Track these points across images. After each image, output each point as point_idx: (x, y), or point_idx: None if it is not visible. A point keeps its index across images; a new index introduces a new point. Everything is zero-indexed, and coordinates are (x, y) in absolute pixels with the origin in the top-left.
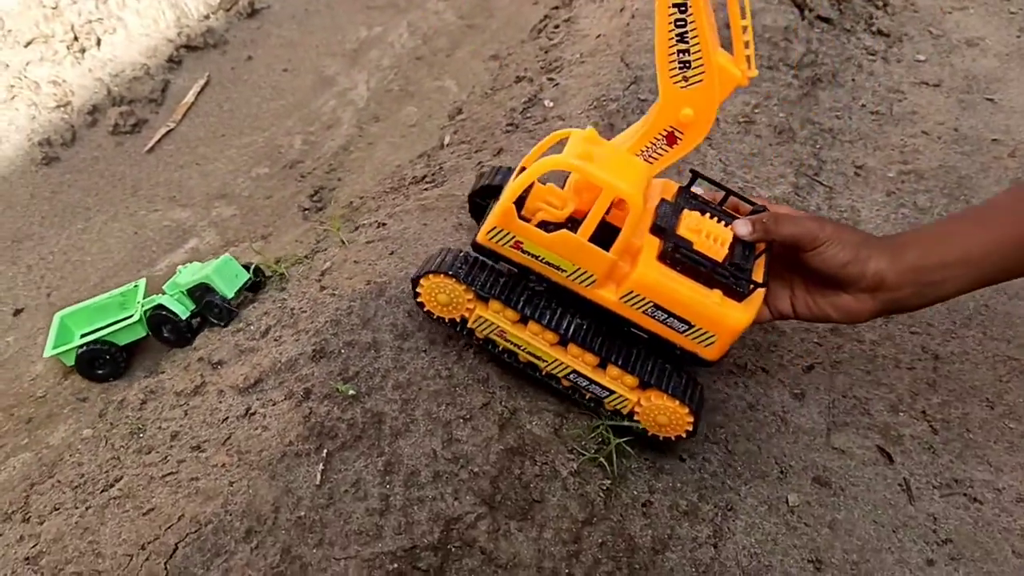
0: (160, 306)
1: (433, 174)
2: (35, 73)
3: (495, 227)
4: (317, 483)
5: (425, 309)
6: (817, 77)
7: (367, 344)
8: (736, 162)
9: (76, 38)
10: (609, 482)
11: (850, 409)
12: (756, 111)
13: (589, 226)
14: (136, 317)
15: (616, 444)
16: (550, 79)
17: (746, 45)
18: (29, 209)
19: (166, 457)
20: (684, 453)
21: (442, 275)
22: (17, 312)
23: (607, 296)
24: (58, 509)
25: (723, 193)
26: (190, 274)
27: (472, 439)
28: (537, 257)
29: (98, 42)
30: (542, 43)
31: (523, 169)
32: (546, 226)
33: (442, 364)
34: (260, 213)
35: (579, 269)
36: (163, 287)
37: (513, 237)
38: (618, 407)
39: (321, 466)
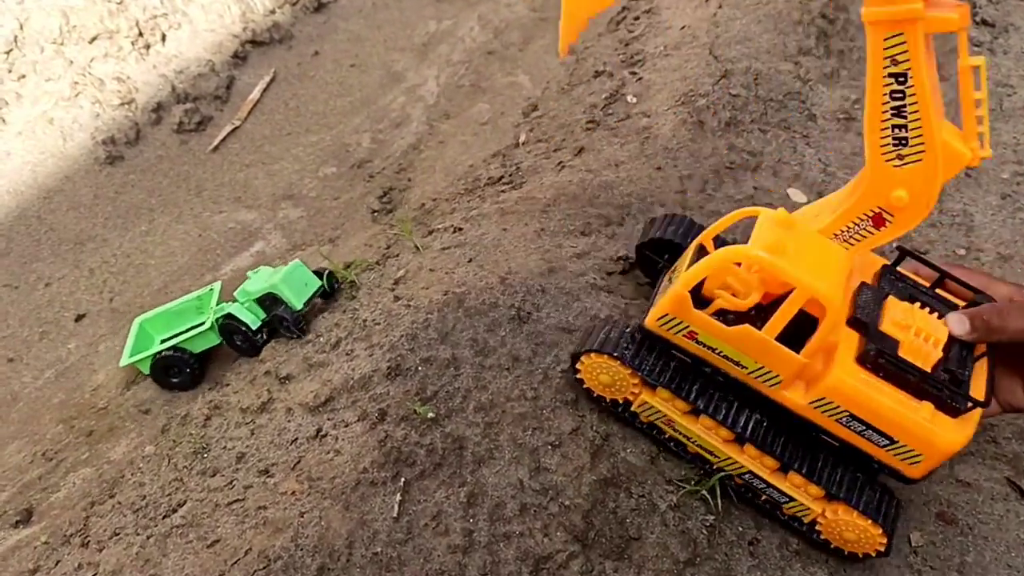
0: (230, 315)
1: (510, 175)
2: (99, 70)
3: (666, 314)
4: (394, 515)
5: (584, 386)
6: None
7: (446, 361)
8: (837, 162)
9: (141, 34)
10: (712, 518)
11: (975, 437)
12: (856, 107)
13: (777, 325)
14: (208, 324)
15: (720, 477)
16: (632, 73)
17: (979, 120)
18: (92, 210)
19: (232, 481)
20: None
21: (606, 355)
22: (79, 318)
23: (794, 399)
24: (118, 534)
25: (936, 274)
26: (259, 281)
27: (562, 468)
28: (714, 350)
29: (163, 38)
30: (621, 36)
31: (701, 248)
32: (725, 315)
33: (527, 384)
34: (328, 215)
35: (763, 368)
36: (235, 293)
37: (687, 327)
38: (799, 515)
39: (399, 496)
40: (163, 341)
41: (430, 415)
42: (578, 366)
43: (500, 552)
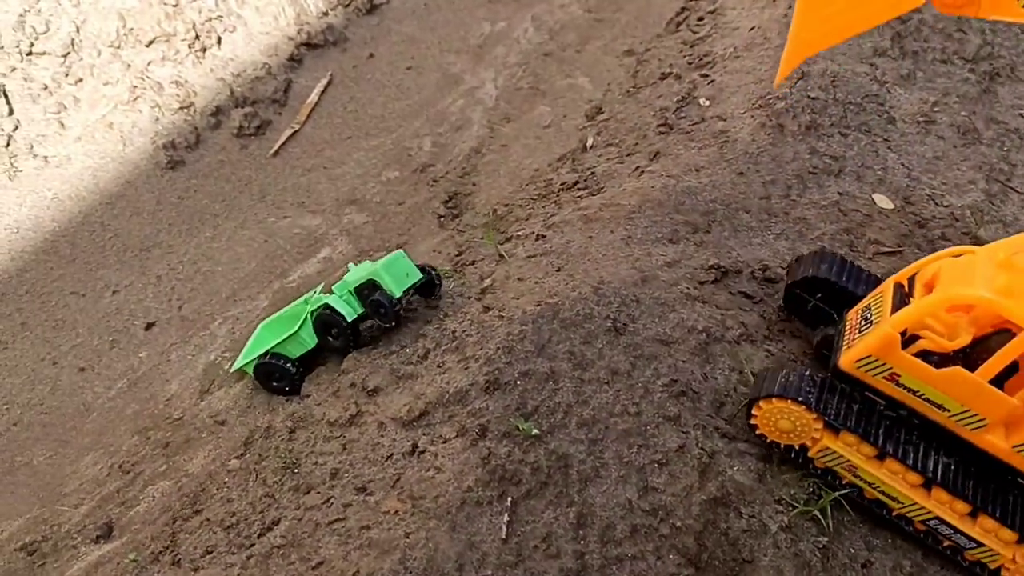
0: (327, 306)
1: (584, 180)
2: (157, 73)
3: (869, 355)
4: (503, 537)
5: (758, 432)
6: (995, 71)
7: (544, 375)
8: (919, 166)
9: (197, 36)
10: (825, 539)
11: None
12: (935, 109)
13: (993, 368)
14: (295, 328)
15: (832, 497)
16: (703, 75)
17: None
18: (156, 216)
19: (328, 499)
20: None
21: (789, 400)
22: (149, 326)
23: (996, 442)
24: (211, 552)
25: None
26: (359, 272)
27: (670, 487)
28: (915, 392)
29: (219, 40)
30: (684, 37)
31: (900, 286)
32: (927, 356)
33: (628, 398)
34: (393, 220)
35: (968, 412)
36: (333, 286)
37: (889, 368)
38: (984, 560)
39: (506, 517)
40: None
41: (534, 432)
42: (755, 411)
43: None
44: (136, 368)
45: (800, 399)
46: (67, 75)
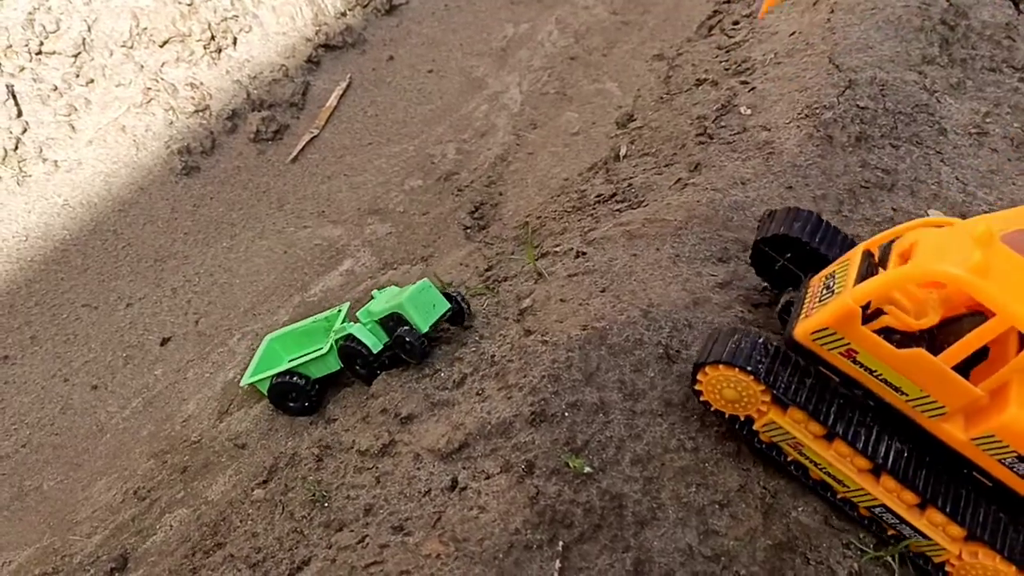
0: (351, 336)
1: (622, 192)
2: (171, 75)
3: (827, 328)
4: None
5: (702, 399)
6: None
7: (594, 406)
8: (974, 180)
9: (213, 37)
10: None
11: None
12: (987, 120)
13: (959, 353)
14: (326, 349)
15: (905, 544)
16: (742, 83)
17: None
18: (171, 224)
19: (363, 539)
20: None
21: (736, 369)
22: (164, 341)
23: (953, 433)
24: None
25: None
26: (384, 300)
27: (733, 531)
28: (872, 372)
29: (234, 41)
30: (719, 41)
31: (868, 256)
32: (890, 334)
33: (684, 433)
34: (417, 231)
35: (927, 398)
36: (357, 314)
37: (847, 344)
38: (928, 553)
39: (558, 563)
40: (292, 360)
41: (586, 469)
42: (700, 377)
43: None
44: (151, 386)
45: (749, 368)
46: (78, 76)
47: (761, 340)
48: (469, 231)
